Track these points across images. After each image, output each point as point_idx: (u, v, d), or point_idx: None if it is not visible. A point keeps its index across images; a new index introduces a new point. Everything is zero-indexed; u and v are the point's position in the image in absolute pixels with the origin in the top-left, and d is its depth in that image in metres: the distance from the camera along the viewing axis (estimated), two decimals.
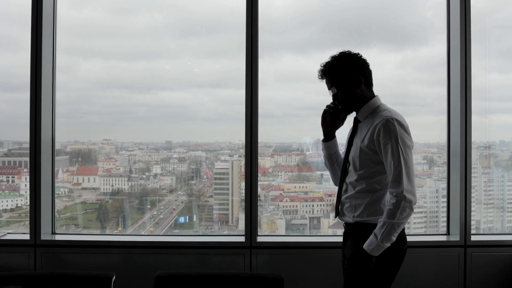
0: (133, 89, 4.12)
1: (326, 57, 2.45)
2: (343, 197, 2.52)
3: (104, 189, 4.23)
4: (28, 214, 3.79)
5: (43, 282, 2.25)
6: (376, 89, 2.46)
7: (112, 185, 4.25)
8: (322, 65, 2.49)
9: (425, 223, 4.15)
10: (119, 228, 4.13)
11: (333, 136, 2.72)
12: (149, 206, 4.28)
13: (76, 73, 3.65)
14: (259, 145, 3.68)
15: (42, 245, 3.51)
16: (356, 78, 2.42)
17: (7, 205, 4.17)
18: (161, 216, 4.22)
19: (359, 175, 2.41)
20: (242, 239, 3.53)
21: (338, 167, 2.66)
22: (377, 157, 2.34)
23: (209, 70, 3.90)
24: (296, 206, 4.19)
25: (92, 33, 3.87)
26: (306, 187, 4.29)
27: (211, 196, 4.32)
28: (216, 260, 3.49)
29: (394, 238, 2.25)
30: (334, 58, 2.47)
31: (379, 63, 3.89)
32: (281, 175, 4.27)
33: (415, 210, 4.00)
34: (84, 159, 4.28)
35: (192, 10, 3.94)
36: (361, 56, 2.48)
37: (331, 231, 4.12)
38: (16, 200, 4.18)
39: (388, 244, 2.24)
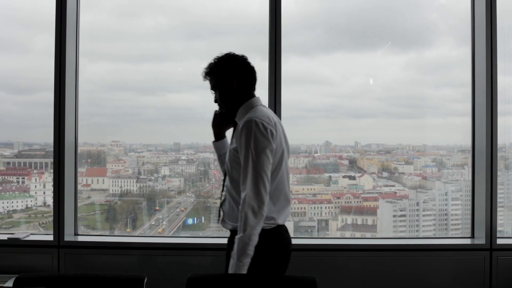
0: (140, 91, 4.15)
1: (330, 59, 2.43)
2: (222, 203, 2.49)
3: (113, 190, 4.26)
4: (38, 215, 3.84)
5: (75, 283, 2.26)
6: (381, 91, 2.44)
7: (121, 187, 4.27)
8: (206, 66, 2.47)
9: (434, 225, 4.11)
10: (128, 229, 4.15)
11: (223, 136, 2.69)
12: (157, 208, 4.29)
13: (83, 75, 3.68)
14: None
15: (66, 246, 3.53)
16: (229, 80, 2.40)
17: (17, 206, 4.21)
18: (169, 217, 4.24)
19: (231, 179, 2.38)
20: None
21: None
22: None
23: None
24: (304, 208, 4.17)
25: (98, 36, 3.90)
26: (314, 189, 4.28)
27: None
28: None
29: (251, 252, 2.15)
30: (214, 60, 2.45)
31: (384, 65, 3.88)
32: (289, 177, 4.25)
33: (423, 213, 4.03)
34: (93, 160, 4.31)
35: (197, 13, 3.95)
36: (244, 58, 2.46)
37: (339, 233, 4.10)
38: (26, 201, 4.22)
39: (248, 259, 2.16)
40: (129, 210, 4.27)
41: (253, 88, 2.48)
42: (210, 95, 2.50)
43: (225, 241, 3.66)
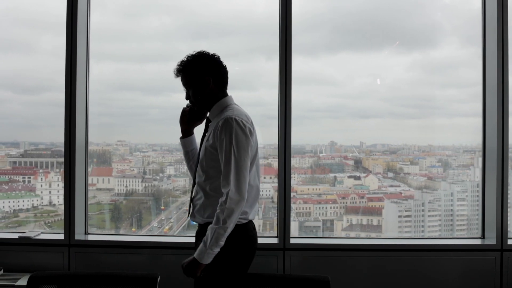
0: (145, 91, 4.15)
1: (336, 59, 2.44)
2: (194, 198, 2.55)
3: (118, 190, 4.27)
4: (44, 214, 3.86)
5: (89, 282, 2.29)
6: (386, 92, 2.45)
7: (126, 186, 4.28)
8: (178, 63, 2.53)
9: (440, 226, 4.10)
10: (133, 229, 4.16)
11: (191, 133, 2.77)
12: (162, 207, 4.30)
13: (89, 75, 3.71)
14: (271, 147, 3.67)
15: (76, 245, 3.56)
16: (204, 78, 2.47)
17: (23, 205, 4.23)
18: (175, 217, 4.24)
19: (206, 176, 2.45)
20: (275, 240, 3.50)
21: (195, 165, 2.66)
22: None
23: None
24: (309, 208, 4.16)
25: (103, 36, 3.91)
26: (319, 189, 4.27)
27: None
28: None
29: (222, 243, 2.27)
30: (188, 58, 2.52)
31: (389, 65, 3.87)
32: (294, 177, 4.24)
33: (428, 214, 4.01)
34: (99, 160, 4.32)
35: (201, 13, 3.96)
36: (216, 57, 2.53)
37: (344, 233, 4.09)
38: (32, 200, 4.24)
39: (218, 249, 2.27)
40: (134, 209, 4.28)
41: (226, 87, 2.57)
42: None
43: None
